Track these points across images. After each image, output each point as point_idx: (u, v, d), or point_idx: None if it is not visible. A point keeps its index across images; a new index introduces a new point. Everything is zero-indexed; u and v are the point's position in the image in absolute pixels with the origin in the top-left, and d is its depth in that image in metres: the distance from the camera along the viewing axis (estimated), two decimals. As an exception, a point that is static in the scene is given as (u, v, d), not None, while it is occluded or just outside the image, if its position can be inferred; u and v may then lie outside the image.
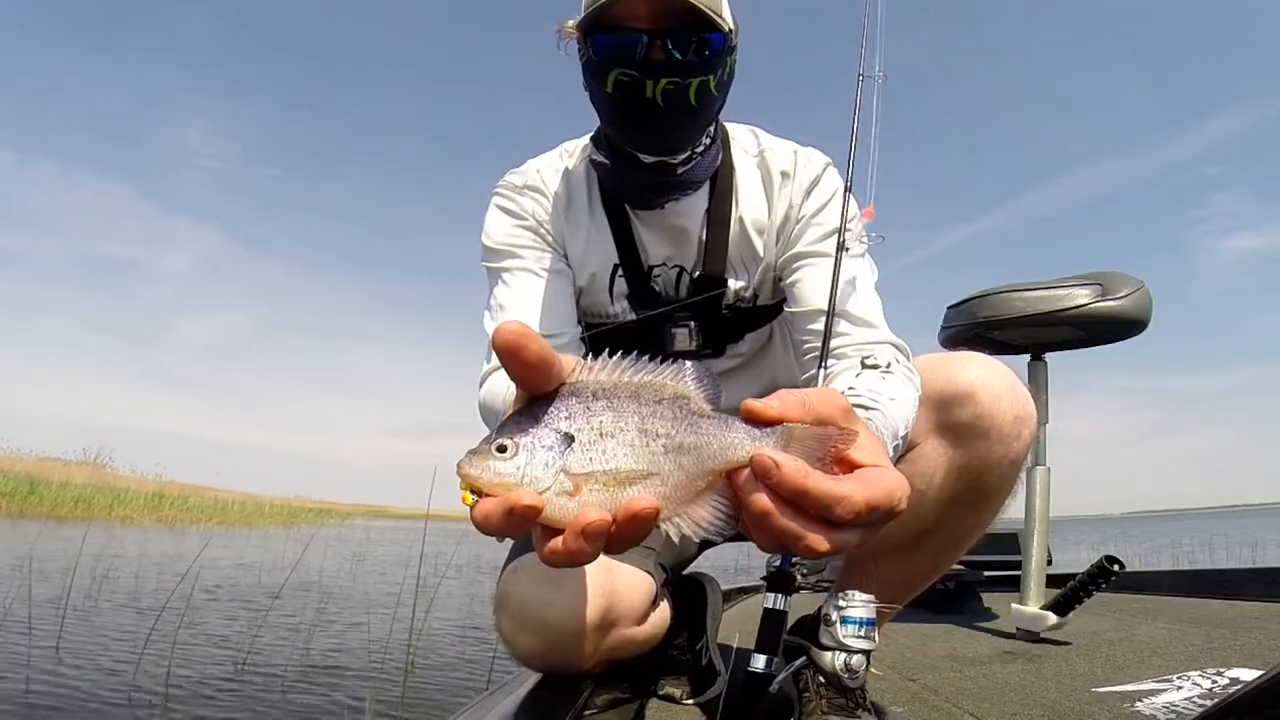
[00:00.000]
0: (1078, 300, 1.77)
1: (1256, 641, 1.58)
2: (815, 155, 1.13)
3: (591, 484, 0.40)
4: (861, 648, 0.91)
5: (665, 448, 0.41)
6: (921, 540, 1.00)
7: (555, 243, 1.12)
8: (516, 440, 0.40)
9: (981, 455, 0.93)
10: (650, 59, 0.93)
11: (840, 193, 1.09)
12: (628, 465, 0.40)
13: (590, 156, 1.09)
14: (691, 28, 0.92)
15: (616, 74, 0.94)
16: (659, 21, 0.91)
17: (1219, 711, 0.47)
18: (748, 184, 1.11)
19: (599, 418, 0.41)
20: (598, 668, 1.05)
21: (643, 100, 0.95)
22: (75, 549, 4.57)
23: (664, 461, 0.41)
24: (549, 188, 1.12)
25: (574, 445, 0.40)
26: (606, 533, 0.38)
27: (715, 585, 1.28)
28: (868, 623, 0.91)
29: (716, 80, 0.97)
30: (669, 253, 1.12)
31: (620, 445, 0.41)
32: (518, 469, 0.40)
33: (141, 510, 14.82)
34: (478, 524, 0.40)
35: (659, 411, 0.42)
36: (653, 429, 0.41)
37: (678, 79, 0.93)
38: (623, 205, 1.10)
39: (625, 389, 0.42)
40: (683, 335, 1.12)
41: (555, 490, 0.40)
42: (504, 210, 1.13)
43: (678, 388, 0.43)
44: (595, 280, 1.13)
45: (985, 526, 1.02)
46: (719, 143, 1.10)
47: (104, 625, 3.47)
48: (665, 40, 0.92)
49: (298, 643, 3.19)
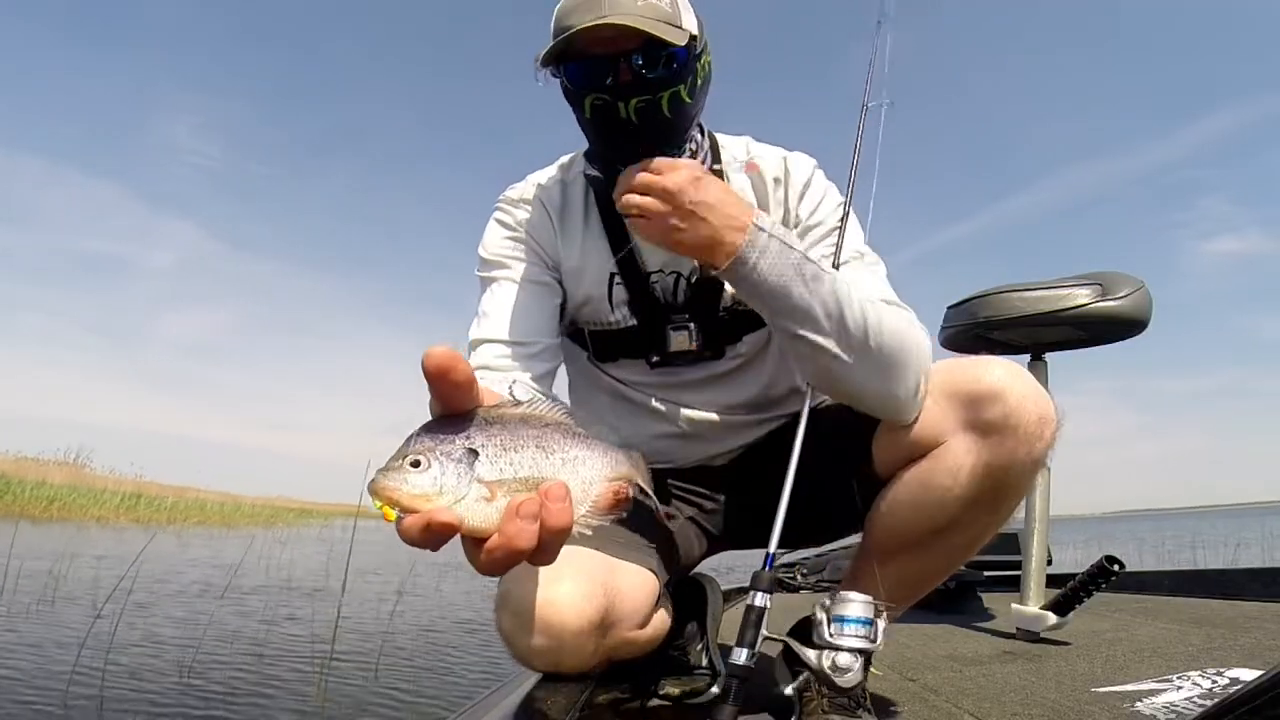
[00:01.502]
0: (1078, 300, 1.80)
1: (1256, 641, 1.62)
2: (803, 158, 1.19)
3: (504, 490, 0.45)
4: (852, 646, 0.92)
5: (563, 460, 0.48)
6: (938, 538, 1.03)
7: (546, 255, 1.17)
8: (426, 455, 0.44)
9: (1008, 452, 0.96)
10: (620, 81, 0.99)
11: (832, 190, 1.16)
12: (533, 473, 0.46)
13: (584, 171, 1.16)
14: (654, 44, 0.96)
15: (591, 99, 1.01)
16: (622, 44, 0.97)
17: (1219, 711, 0.47)
18: (740, 188, 1.15)
19: (498, 436, 0.46)
20: (598, 668, 1.07)
21: (618, 120, 1.01)
22: (39, 549, 4.54)
23: (563, 471, 0.47)
24: (545, 201, 1.18)
25: (480, 458, 0.45)
26: (537, 514, 0.43)
27: (715, 585, 1.30)
28: (862, 622, 0.93)
29: (688, 88, 1.02)
30: (666, 259, 1.15)
31: (524, 457, 0.46)
32: (434, 480, 0.44)
33: (116, 511, 14.73)
34: (403, 540, 0.44)
35: (548, 432, 0.48)
36: (548, 445, 0.48)
37: (649, 95, 0.99)
38: (618, 215, 1.13)
39: (514, 415, 0.48)
40: (682, 337, 1.16)
41: (473, 497, 0.44)
42: (500, 224, 1.19)
43: (555, 416, 0.50)
44: (594, 290, 1.17)
45: (999, 526, 1.06)
46: (708, 150, 1.15)
47: (52, 624, 3.48)
48: (631, 60, 0.97)
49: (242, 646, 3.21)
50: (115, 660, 2.66)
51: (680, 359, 1.19)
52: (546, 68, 1.02)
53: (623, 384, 1.25)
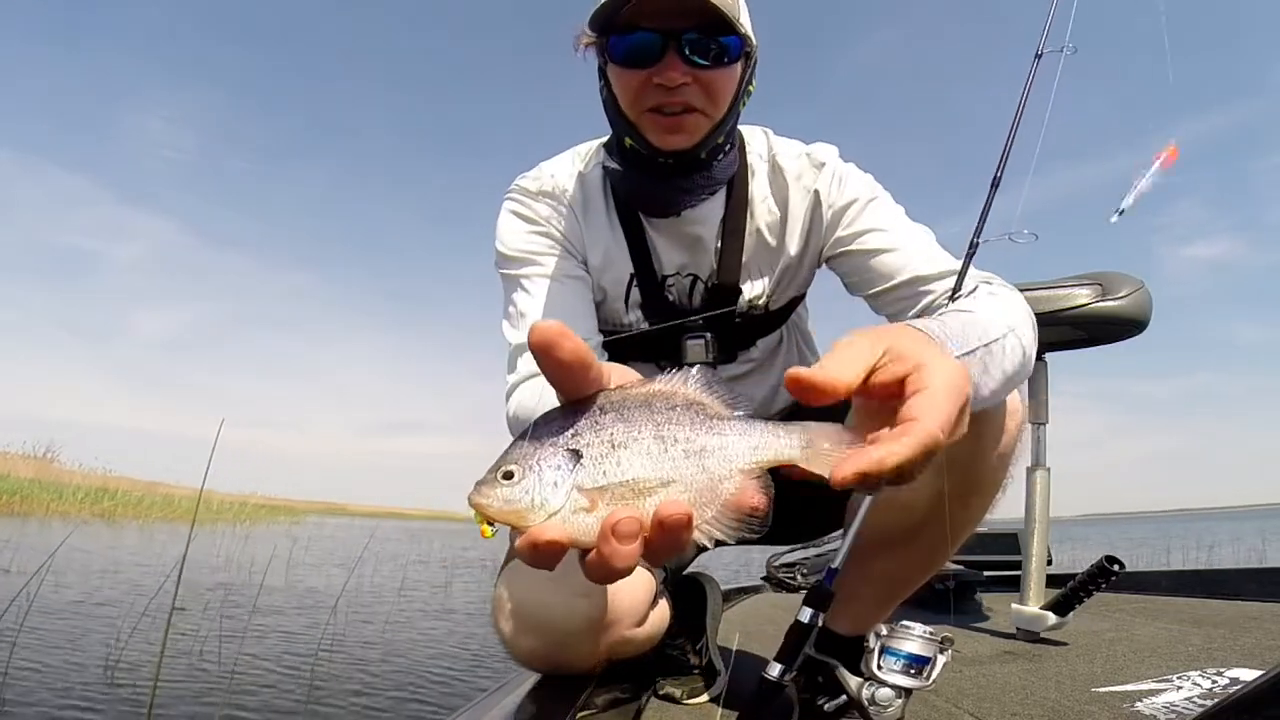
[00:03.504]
0: (1078, 300, 1.84)
1: (1256, 641, 1.67)
2: (824, 146, 1.16)
3: (607, 498, 0.41)
4: (900, 684, 0.89)
5: (685, 452, 0.41)
6: (913, 536, 1.04)
7: (575, 249, 1.14)
8: (521, 464, 0.41)
9: (970, 450, 0.96)
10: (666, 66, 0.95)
11: (859, 172, 1.12)
12: (644, 474, 0.41)
13: (603, 163, 1.12)
14: (708, 29, 0.94)
15: None
16: (674, 21, 0.94)
17: (1219, 711, 0.48)
18: (763, 188, 1.14)
19: (608, 430, 0.42)
20: (597, 668, 1.09)
21: None
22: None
23: (685, 466, 0.41)
24: (564, 194, 1.14)
25: (583, 460, 0.41)
26: (637, 533, 0.39)
27: (715, 585, 1.33)
28: (917, 659, 0.89)
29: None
30: (683, 261, 1.14)
31: (634, 455, 0.41)
32: (526, 493, 0.41)
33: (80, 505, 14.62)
34: (524, 562, 0.42)
35: (674, 417, 0.42)
36: (670, 435, 0.42)
37: None
38: (636, 213, 1.12)
39: (635, 398, 0.43)
40: (697, 347, 1.14)
41: (570, 509, 0.40)
42: (519, 215, 1.14)
43: (690, 394, 0.44)
44: (611, 289, 1.15)
45: (976, 522, 1.06)
46: (736, 147, 1.12)
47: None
48: (681, 42, 0.94)
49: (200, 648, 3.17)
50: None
51: (692, 365, 1.18)
52: (596, 36, 0.99)
53: None
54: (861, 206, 1.08)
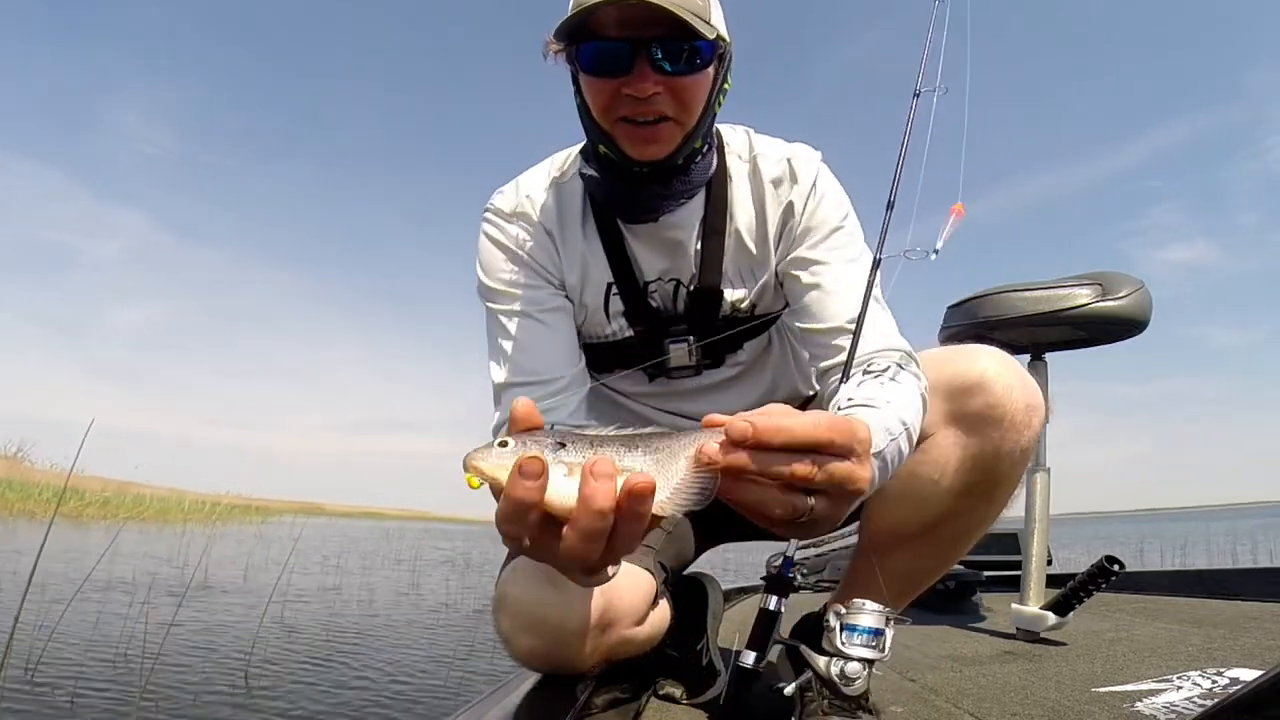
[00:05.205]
0: (1078, 300, 1.88)
1: (1256, 641, 1.71)
2: (806, 152, 1.17)
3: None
4: (862, 655, 0.97)
5: (644, 452, 0.51)
6: (932, 530, 1.08)
7: (552, 275, 1.15)
8: (515, 440, 0.51)
9: (995, 443, 1.01)
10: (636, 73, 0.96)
11: (836, 189, 1.15)
12: (618, 461, 0.50)
13: (580, 170, 1.12)
14: (677, 34, 0.94)
15: None
16: (643, 30, 0.93)
17: (1219, 711, 0.50)
18: (742, 190, 1.15)
19: (585, 437, 0.51)
20: (597, 668, 1.11)
21: None
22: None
23: (644, 461, 0.51)
24: (540, 214, 1.15)
25: (566, 447, 0.50)
26: (613, 474, 0.48)
27: (715, 585, 1.36)
28: (873, 631, 0.98)
29: None
30: (665, 266, 1.15)
31: (607, 450, 0.51)
32: (514, 453, 0.49)
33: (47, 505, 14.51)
34: (499, 529, 0.51)
35: (633, 436, 0.52)
36: (631, 444, 0.51)
37: None
38: (615, 220, 1.14)
39: (598, 430, 0.53)
40: (680, 351, 1.17)
41: (556, 474, 0.49)
42: (495, 243, 1.16)
43: (644, 431, 0.53)
44: (591, 301, 1.17)
45: (995, 517, 1.11)
46: (714, 149, 1.12)
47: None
48: (651, 49, 0.94)
49: None
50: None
51: (679, 370, 1.20)
52: (565, 45, 0.99)
53: (621, 394, 1.28)
54: (825, 234, 1.11)
